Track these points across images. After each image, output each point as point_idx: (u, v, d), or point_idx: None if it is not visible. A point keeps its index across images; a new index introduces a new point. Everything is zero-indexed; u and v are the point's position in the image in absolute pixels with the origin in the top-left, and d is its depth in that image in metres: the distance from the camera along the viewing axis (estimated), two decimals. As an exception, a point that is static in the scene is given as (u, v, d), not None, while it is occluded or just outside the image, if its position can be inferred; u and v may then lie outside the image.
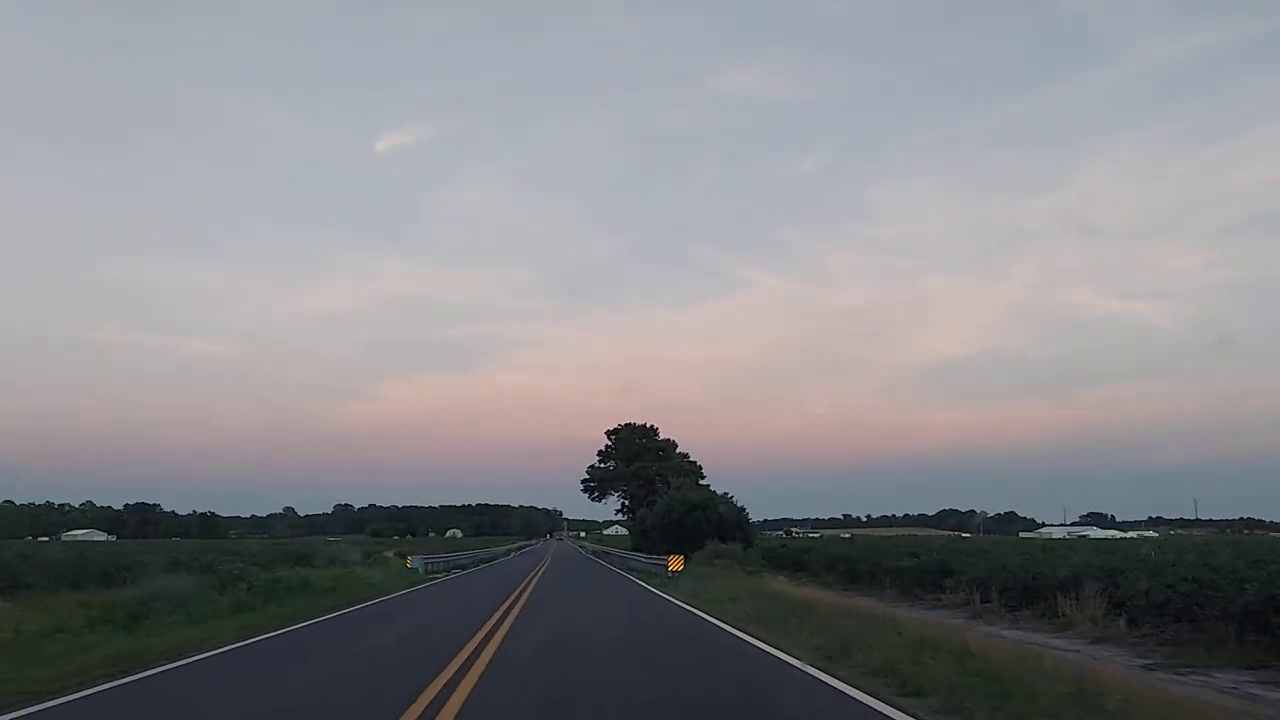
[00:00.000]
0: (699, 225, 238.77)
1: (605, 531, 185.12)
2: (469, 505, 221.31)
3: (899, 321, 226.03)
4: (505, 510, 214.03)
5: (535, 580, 31.39)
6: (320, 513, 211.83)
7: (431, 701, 7.90)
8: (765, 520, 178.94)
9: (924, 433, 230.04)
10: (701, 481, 49.85)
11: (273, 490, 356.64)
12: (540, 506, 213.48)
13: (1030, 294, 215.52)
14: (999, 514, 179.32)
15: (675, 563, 29.02)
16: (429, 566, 37.64)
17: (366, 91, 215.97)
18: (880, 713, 7.49)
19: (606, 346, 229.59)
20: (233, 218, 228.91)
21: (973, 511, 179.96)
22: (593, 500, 67.52)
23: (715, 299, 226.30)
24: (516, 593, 24.19)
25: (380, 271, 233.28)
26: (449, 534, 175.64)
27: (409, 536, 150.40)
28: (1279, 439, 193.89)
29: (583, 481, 67.74)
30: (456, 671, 9.70)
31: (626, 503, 64.67)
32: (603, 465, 66.76)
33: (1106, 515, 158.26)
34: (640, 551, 48.58)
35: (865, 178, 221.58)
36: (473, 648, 11.90)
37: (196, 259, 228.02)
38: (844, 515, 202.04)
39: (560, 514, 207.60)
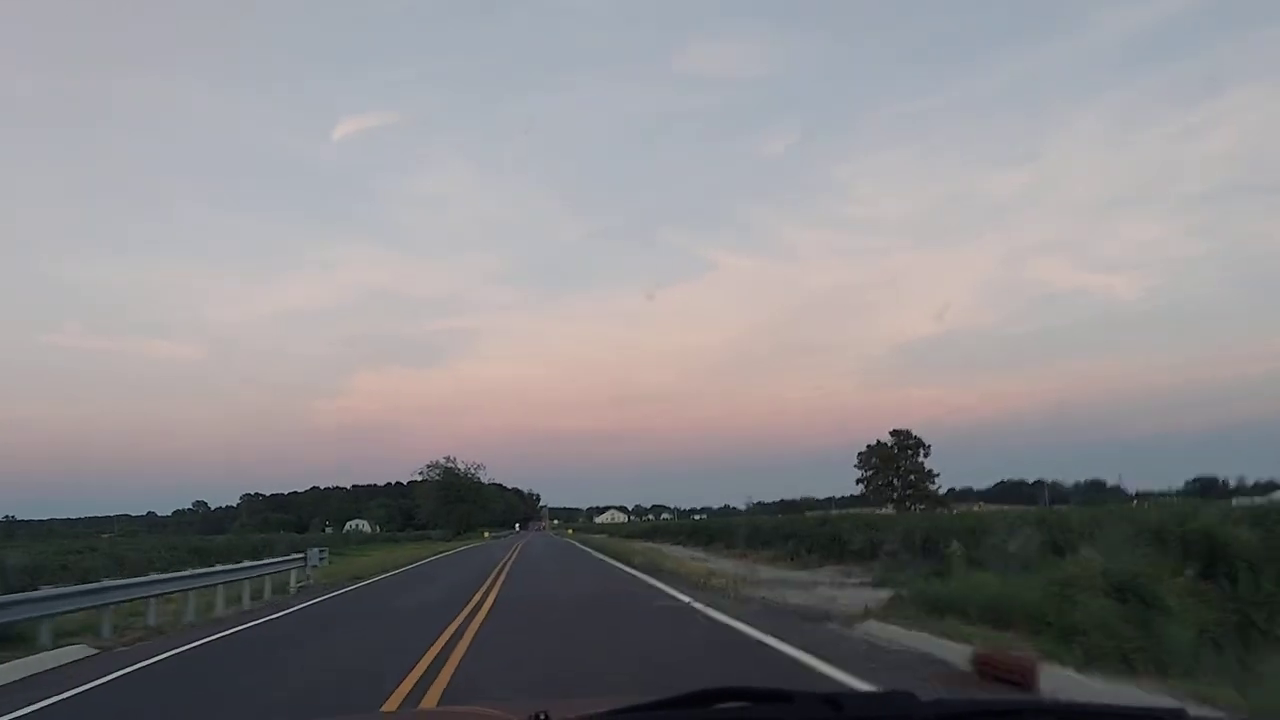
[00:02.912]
0: (670, 207, 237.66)
1: (599, 519, 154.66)
2: (396, 484, 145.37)
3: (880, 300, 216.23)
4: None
5: None
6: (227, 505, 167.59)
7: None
8: (782, 500, 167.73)
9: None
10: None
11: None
12: (510, 486, 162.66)
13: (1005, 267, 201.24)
14: (1080, 482, 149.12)
15: None
16: None
17: (321, 76, 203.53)
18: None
19: (579, 333, 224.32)
20: (188, 212, 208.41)
21: (1040, 482, 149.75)
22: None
23: (688, 281, 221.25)
24: None
25: (344, 263, 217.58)
26: (349, 527, 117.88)
27: (279, 532, 76.35)
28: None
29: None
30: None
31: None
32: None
33: (1218, 480, 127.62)
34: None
35: (837, 154, 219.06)
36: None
37: (150, 257, 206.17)
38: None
39: (537, 498, 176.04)
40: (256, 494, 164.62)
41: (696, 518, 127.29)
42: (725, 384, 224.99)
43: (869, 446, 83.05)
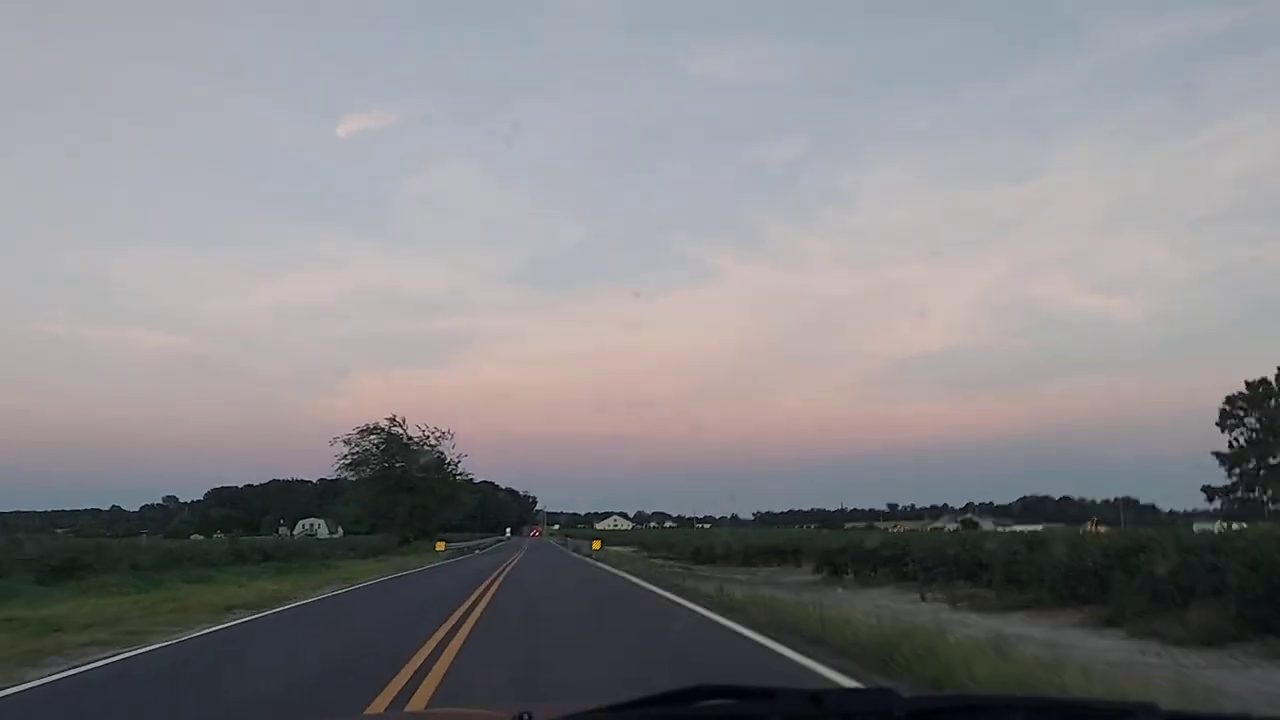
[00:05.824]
0: (675, 213, 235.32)
1: (600, 525, 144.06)
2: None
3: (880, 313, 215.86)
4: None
5: None
6: (195, 499, 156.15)
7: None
8: (793, 511, 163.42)
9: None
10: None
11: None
12: (503, 486, 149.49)
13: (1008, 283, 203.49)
14: (1110, 499, 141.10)
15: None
16: None
17: (328, 75, 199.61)
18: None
19: (581, 337, 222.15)
20: (190, 206, 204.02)
21: (1068, 499, 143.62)
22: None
23: (692, 289, 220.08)
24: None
25: (341, 261, 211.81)
26: (301, 528, 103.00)
27: (217, 535, 69.30)
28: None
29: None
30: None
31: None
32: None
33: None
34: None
35: (842, 165, 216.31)
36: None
37: (142, 247, 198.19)
38: (889, 505, 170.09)
39: (533, 500, 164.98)
40: (221, 488, 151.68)
41: (702, 526, 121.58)
42: (727, 392, 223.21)
43: (1249, 385, 44.15)
